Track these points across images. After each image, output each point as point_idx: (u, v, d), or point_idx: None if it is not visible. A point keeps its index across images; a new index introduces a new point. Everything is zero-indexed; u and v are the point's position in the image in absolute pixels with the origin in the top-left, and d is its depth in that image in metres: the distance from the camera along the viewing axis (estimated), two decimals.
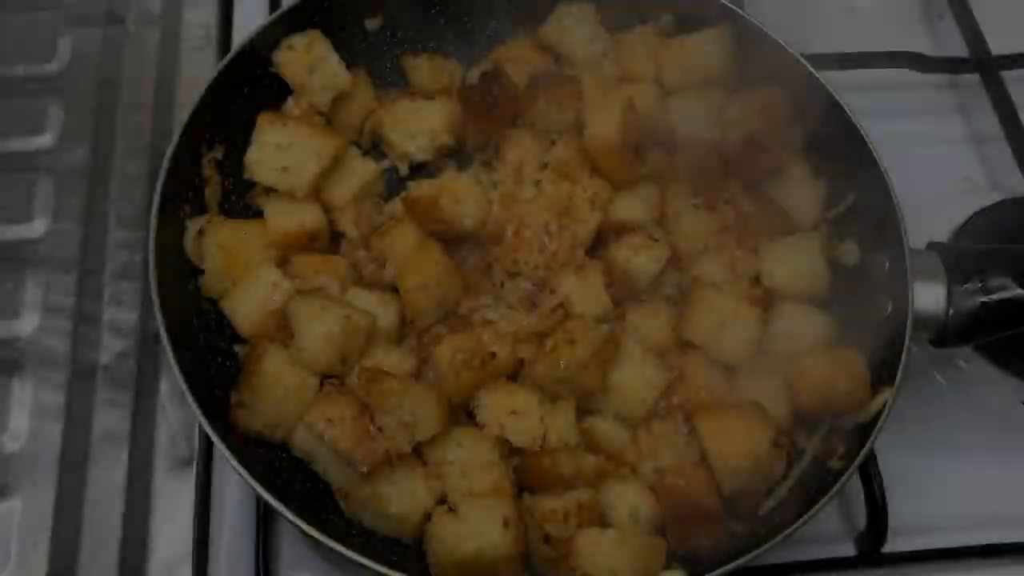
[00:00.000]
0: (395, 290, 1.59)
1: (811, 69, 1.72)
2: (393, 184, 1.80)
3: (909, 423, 1.78)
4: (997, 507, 1.73)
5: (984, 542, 1.66)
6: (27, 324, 1.77)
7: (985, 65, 2.16)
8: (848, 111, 1.68)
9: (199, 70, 2.07)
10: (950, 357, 1.87)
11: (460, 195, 1.56)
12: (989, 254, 1.60)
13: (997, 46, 2.19)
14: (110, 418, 1.71)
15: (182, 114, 1.79)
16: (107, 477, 1.66)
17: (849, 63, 2.06)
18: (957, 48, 2.22)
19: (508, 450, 1.48)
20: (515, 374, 1.55)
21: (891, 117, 2.14)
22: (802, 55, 1.74)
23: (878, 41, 2.15)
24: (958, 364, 1.88)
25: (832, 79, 1.75)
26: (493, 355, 1.48)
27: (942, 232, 1.98)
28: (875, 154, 1.64)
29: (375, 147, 1.82)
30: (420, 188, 1.56)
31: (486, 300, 1.59)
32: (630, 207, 1.68)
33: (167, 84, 2.05)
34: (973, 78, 2.17)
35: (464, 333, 1.52)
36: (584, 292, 1.54)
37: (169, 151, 1.54)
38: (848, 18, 2.31)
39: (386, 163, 1.80)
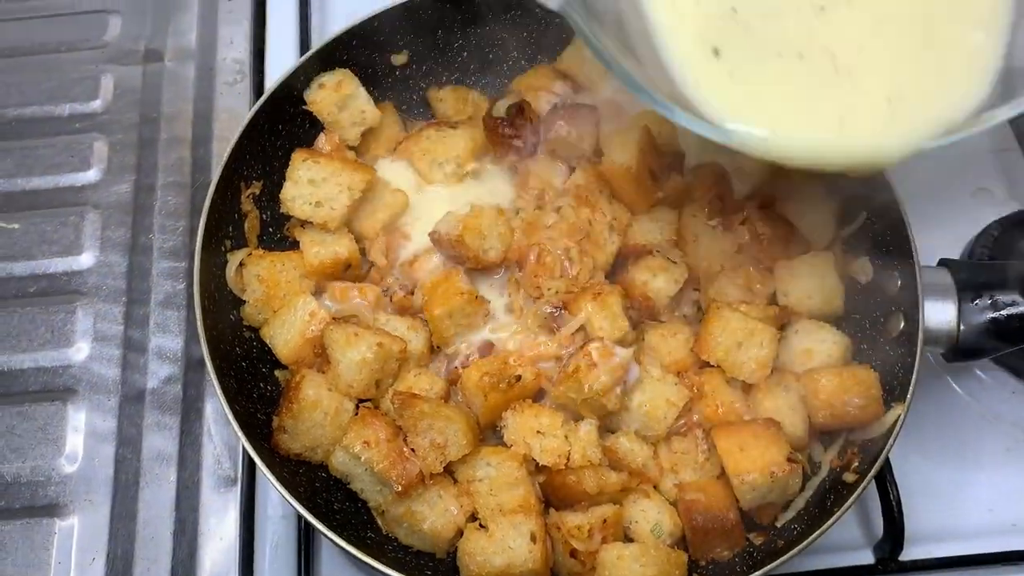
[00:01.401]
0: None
1: None
2: None
3: (927, 432, 1.83)
4: (1014, 515, 1.77)
5: (1001, 550, 1.69)
6: (79, 352, 1.88)
7: None
8: None
9: (234, 104, 2.17)
10: (967, 367, 1.91)
11: (483, 230, 1.63)
12: (998, 270, 1.64)
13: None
14: (159, 440, 1.81)
15: (220, 149, 1.87)
16: (157, 496, 1.76)
17: None
18: None
19: (534, 468, 1.54)
20: (539, 395, 1.61)
21: None
22: None
23: None
24: (975, 374, 1.91)
25: None
26: (518, 378, 1.55)
27: (961, 241, 2.01)
28: (886, 173, 1.68)
29: None
30: (446, 225, 1.63)
31: (509, 324, 1.65)
32: (648, 230, 1.73)
33: (204, 118, 2.15)
34: None
35: (490, 357, 1.59)
36: (604, 315, 1.59)
37: (210, 191, 1.63)
38: None
39: None
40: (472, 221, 1.62)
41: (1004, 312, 1.57)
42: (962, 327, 1.58)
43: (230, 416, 1.48)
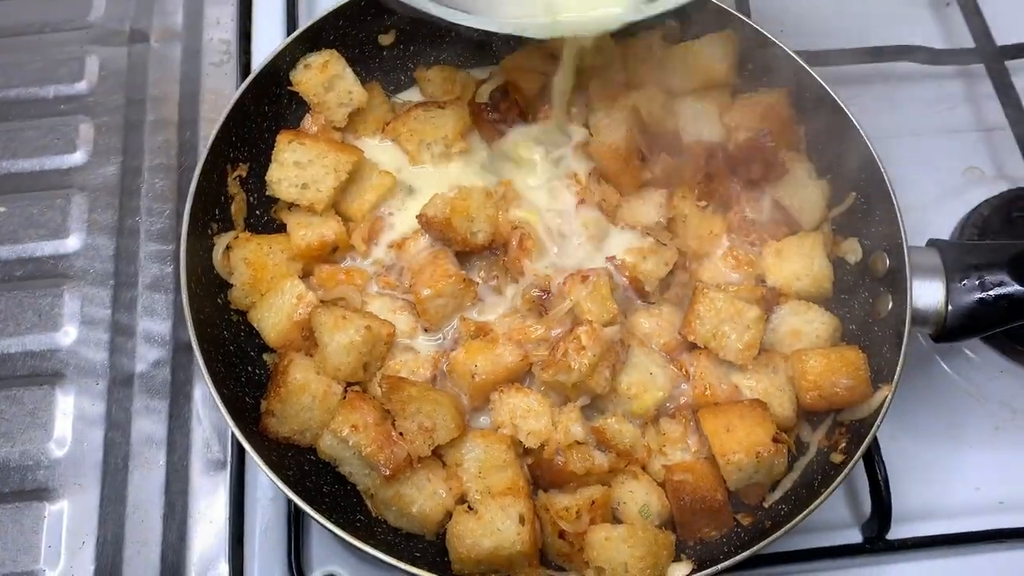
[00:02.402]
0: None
1: (812, 72, 1.75)
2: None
3: (915, 412, 1.84)
4: (1001, 493, 1.78)
5: (988, 528, 1.70)
6: (67, 336, 1.87)
7: (990, 55, 2.17)
8: (848, 112, 1.71)
9: (220, 84, 2.14)
10: (956, 347, 1.91)
11: (472, 213, 1.63)
12: (986, 250, 1.63)
13: (1002, 36, 2.20)
14: (148, 424, 1.80)
15: (206, 131, 1.84)
16: (146, 480, 1.75)
17: (856, 58, 2.09)
18: (963, 38, 2.23)
19: (522, 450, 1.54)
20: (526, 378, 1.61)
21: (900, 108, 2.18)
22: (809, 51, 1.77)
23: (886, 32, 2.17)
24: (964, 353, 1.92)
25: (840, 73, 1.77)
26: (506, 360, 1.54)
27: (951, 221, 2.01)
28: (874, 154, 1.67)
29: None
30: (434, 208, 1.62)
31: (497, 306, 1.65)
32: (638, 212, 1.73)
33: (190, 99, 2.12)
34: (979, 68, 2.19)
35: (478, 339, 1.59)
36: (592, 298, 1.58)
37: (196, 173, 1.61)
38: (855, 9, 2.32)
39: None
40: (459, 203, 1.61)
41: (992, 292, 1.56)
42: (950, 307, 1.58)
43: (218, 400, 1.48)
